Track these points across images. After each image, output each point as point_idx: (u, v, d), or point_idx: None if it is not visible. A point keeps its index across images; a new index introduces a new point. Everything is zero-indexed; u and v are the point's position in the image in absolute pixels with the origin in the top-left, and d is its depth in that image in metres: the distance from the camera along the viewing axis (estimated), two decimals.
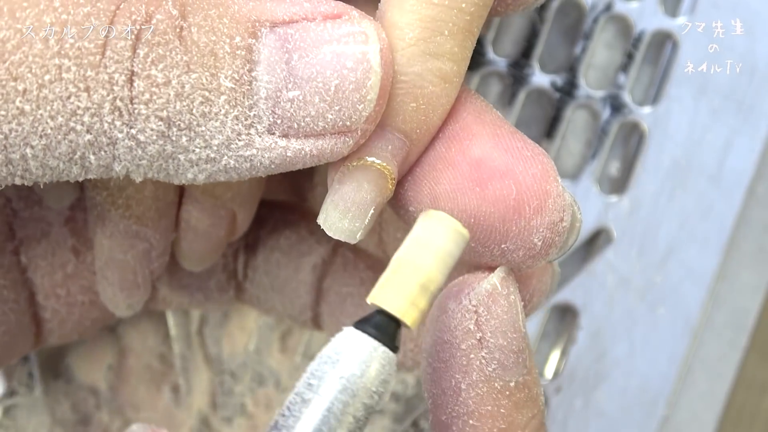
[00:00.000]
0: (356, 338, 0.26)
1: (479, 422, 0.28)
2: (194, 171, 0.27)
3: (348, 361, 0.25)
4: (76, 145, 0.26)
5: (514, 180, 0.27)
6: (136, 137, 0.26)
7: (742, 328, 0.49)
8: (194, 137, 0.26)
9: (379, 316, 0.26)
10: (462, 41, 0.28)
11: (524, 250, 0.28)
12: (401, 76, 0.27)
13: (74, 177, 0.27)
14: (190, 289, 0.39)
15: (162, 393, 0.47)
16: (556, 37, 0.50)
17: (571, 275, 0.49)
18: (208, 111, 0.26)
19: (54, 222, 0.36)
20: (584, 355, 0.49)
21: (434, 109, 0.28)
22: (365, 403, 0.26)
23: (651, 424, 0.49)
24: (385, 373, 0.26)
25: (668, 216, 0.49)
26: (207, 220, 0.35)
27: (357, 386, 0.25)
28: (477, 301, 0.28)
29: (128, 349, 0.47)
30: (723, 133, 0.49)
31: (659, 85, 0.49)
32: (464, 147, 0.28)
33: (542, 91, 0.50)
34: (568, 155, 0.50)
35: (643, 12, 0.49)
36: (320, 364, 0.26)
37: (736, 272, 0.49)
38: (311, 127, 0.27)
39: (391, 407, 0.49)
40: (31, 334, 0.37)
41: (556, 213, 0.28)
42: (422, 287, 0.26)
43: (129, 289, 0.36)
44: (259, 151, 0.26)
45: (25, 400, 0.47)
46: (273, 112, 0.26)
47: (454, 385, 0.28)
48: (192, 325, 0.48)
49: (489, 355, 0.28)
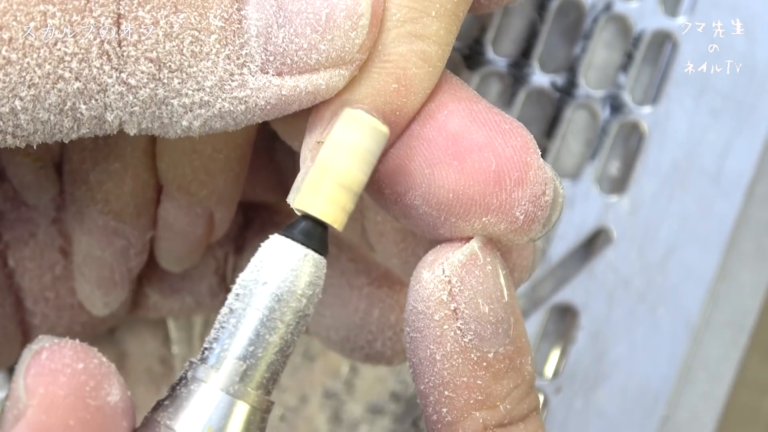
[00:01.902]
0: (285, 246, 0.26)
1: (454, 393, 0.28)
2: (189, 118, 0.26)
3: (274, 268, 0.25)
4: (66, 94, 0.25)
5: (494, 152, 0.27)
6: (127, 81, 0.25)
7: (742, 328, 0.49)
8: (186, 79, 0.26)
9: (305, 222, 0.26)
10: (448, 24, 0.27)
11: (506, 223, 0.27)
12: (385, 56, 0.27)
13: (67, 133, 0.26)
14: (182, 293, 0.39)
15: (162, 393, 0.47)
16: (556, 37, 0.50)
17: (571, 275, 0.49)
18: (199, 51, 0.25)
19: (41, 223, 0.36)
20: (584, 355, 0.49)
21: (415, 92, 0.27)
22: (298, 310, 0.26)
23: (651, 424, 0.49)
24: (312, 275, 0.26)
25: (668, 216, 0.49)
26: (184, 218, 0.35)
27: (281, 291, 0.25)
28: (450, 271, 0.27)
29: (127, 354, 0.47)
30: (723, 133, 0.49)
31: (659, 85, 0.49)
32: (440, 123, 0.28)
33: (542, 91, 0.50)
34: (568, 155, 0.50)
35: (642, 12, 0.49)
36: (248, 273, 0.26)
37: (736, 272, 0.49)
38: (305, 61, 0.26)
39: (391, 407, 0.49)
40: (17, 342, 0.36)
41: (537, 185, 0.27)
42: (344, 187, 0.26)
43: (106, 286, 0.36)
44: (253, 92, 0.26)
45: None
46: (265, 50, 0.26)
47: (429, 356, 0.28)
48: (194, 330, 0.48)
49: (465, 326, 0.27)
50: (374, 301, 0.37)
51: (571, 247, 0.49)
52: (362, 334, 0.37)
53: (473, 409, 0.28)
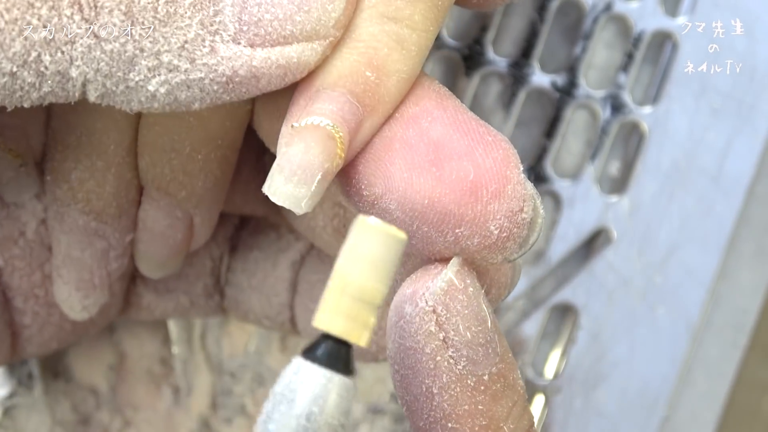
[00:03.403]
0: (308, 371, 0.24)
1: (458, 424, 0.27)
2: (155, 83, 0.26)
3: (304, 399, 0.24)
4: (32, 44, 0.25)
5: (473, 162, 0.26)
6: (97, 33, 0.25)
7: (742, 328, 0.49)
8: (158, 38, 0.25)
9: (328, 341, 0.24)
10: (424, 10, 0.27)
11: (479, 237, 0.26)
12: (357, 36, 0.27)
13: (28, 90, 0.25)
14: (176, 293, 0.39)
15: (162, 393, 0.47)
16: (556, 37, 0.50)
17: (571, 275, 0.49)
18: (173, 11, 0.25)
19: (29, 221, 0.35)
20: (584, 355, 0.49)
21: (389, 74, 0.27)
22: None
23: (651, 424, 0.49)
24: (344, 401, 0.24)
25: (668, 216, 0.49)
26: (163, 221, 0.34)
27: (318, 424, 0.24)
28: (434, 300, 0.26)
29: (127, 355, 0.47)
30: (723, 133, 0.49)
31: (659, 85, 0.49)
32: (423, 128, 0.27)
33: (542, 91, 0.50)
34: (568, 155, 0.50)
35: (643, 12, 0.49)
36: (276, 405, 0.24)
37: (736, 272, 0.49)
38: (278, 32, 0.26)
39: (391, 407, 0.49)
40: (6, 344, 0.36)
41: (515, 201, 0.26)
42: (366, 303, 0.24)
43: (85, 289, 0.35)
44: (223, 59, 0.26)
45: (25, 400, 0.47)
46: (239, 19, 0.26)
47: (425, 391, 0.27)
48: (195, 330, 0.48)
49: (456, 353, 0.27)
50: None
51: (571, 247, 0.49)
52: None
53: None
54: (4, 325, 0.36)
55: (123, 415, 0.47)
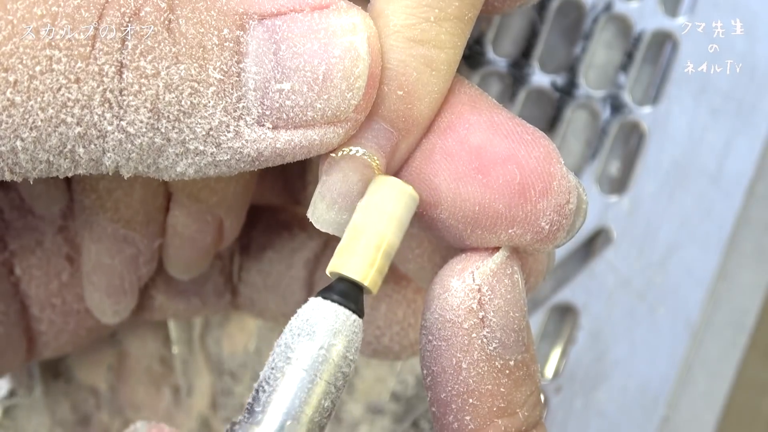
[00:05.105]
0: (327, 308, 0.26)
1: (479, 401, 0.28)
2: (184, 164, 0.26)
3: (323, 332, 0.26)
4: (66, 138, 0.26)
5: (517, 164, 0.27)
6: (126, 129, 0.26)
7: (742, 328, 0.49)
8: (183, 129, 0.26)
9: (343, 283, 0.26)
10: (450, 28, 0.27)
11: (532, 234, 0.28)
12: (386, 63, 0.27)
13: (64, 172, 0.26)
14: (187, 294, 0.39)
15: (162, 393, 0.47)
16: (556, 37, 0.50)
17: (571, 275, 0.49)
18: (197, 102, 0.26)
19: (47, 231, 0.36)
20: (584, 355, 0.49)
21: (420, 97, 0.27)
22: (344, 372, 0.26)
23: (651, 424, 0.49)
24: (357, 338, 0.26)
25: (668, 216, 0.49)
26: (193, 226, 0.35)
27: (336, 356, 0.26)
28: (481, 279, 0.28)
29: (128, 354, 0.47)
30: (723, 133, 0.49)
31: (659, 85, 0.49)
32: (461, 136, 0.28)
33: (542, 91, 0.50)
34: (568, 155, 0.50)
35: (643, 12, 0.49)
36: (294, 337, 0.26)
37: (736, 272, 0.49)
38: (300, 117, 0.26)
39: (391, 407, 0.49)
40: (22, 349, 0.37)
41: (562, 195, 0.27)
42: (379, 251, 0.26)
43: (116, 294, 0.36)
44: (248, 143, 0.26)
45: (25, 400, 0.47)
46: (262, 104, 0.26)
47: (455, 364, 0.28)
48: (194, 331, 0.48)
49: (491, 334, 0.28)
50: (381, 296, 0.37)
51: (571, 247, 0.49)
52: (370, 329, 0.37)
53: (496, 416, 0.28)
54: (21, 332, 0.36)
55: (123, 415, 0.47)
